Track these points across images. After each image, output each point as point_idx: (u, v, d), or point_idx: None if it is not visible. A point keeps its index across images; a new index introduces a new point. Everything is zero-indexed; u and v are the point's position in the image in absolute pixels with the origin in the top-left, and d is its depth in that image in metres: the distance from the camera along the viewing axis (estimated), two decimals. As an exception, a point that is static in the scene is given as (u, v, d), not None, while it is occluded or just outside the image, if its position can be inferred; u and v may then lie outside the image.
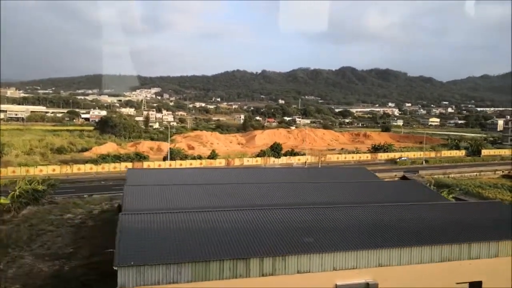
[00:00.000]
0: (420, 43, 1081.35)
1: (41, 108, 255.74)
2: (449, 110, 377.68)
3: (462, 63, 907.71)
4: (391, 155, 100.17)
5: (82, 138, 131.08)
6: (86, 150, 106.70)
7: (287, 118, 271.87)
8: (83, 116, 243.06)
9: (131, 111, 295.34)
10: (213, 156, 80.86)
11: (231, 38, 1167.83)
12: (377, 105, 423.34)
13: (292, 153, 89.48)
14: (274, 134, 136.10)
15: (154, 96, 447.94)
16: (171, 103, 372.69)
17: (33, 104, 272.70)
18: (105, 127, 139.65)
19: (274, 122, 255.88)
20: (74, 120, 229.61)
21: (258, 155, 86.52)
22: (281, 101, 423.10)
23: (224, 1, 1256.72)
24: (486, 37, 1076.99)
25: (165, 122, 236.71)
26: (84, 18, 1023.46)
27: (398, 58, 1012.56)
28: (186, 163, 79.14)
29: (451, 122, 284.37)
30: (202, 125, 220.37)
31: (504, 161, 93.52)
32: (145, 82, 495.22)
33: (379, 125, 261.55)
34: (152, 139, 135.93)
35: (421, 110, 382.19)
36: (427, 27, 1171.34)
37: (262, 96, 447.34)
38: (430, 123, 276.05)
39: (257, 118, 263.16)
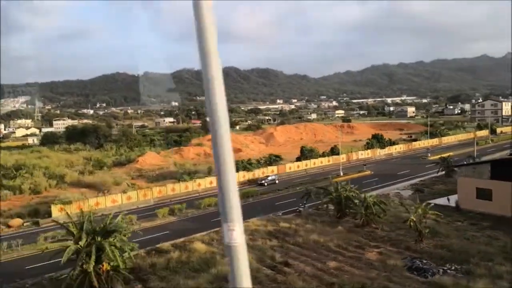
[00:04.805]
0: (288, 41, 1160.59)
1: None
2: (334, 103, 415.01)
3: (328, 60, 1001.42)
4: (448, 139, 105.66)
5: (70, 153, 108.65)
6: (121, 164, 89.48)
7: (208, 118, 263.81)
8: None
9: (27, 122, 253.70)
10: (337, 152, 76.12)
11: (100, 39, 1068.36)
12: (267, 102, 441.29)
13: (390, 143, 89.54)
14: (286, 131, 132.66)
15: (24, 105, 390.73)
16: (58, 111, 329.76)
17: None
18: (85, 137, 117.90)
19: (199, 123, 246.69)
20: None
21: (367, 148, 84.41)
22: (174, 103, 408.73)
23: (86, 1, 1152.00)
24: (345, 35, 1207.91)
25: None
26: None
27: (274, 57, 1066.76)
28: (317, 162, 72.91)
29: (354, 112, 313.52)
30: (143, 132, 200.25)
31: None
32: (5, 90, 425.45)
33: (296, 120, 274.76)
34: (154, 146, 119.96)
35: (312, 104, 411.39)
36: (293, 26, 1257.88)
37: (152, 99, 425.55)
38: (336, 115, 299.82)
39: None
